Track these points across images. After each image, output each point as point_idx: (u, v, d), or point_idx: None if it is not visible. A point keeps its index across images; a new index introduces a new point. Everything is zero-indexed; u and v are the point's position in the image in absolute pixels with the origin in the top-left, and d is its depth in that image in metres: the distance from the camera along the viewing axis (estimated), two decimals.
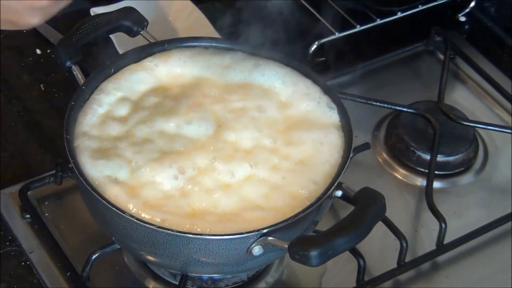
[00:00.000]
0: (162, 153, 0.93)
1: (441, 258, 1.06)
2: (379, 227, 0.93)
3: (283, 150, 0.95)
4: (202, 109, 0.98)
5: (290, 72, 1.03)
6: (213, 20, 1.26)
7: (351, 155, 0.94)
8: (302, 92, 1.01)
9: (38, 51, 1.27)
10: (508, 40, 1.35)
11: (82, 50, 1.00)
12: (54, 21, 0.94)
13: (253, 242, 0.85)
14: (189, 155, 0.93)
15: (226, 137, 0.96)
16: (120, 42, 1.20)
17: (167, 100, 0.99)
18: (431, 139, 1.16)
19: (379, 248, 1.05)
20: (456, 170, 1.17)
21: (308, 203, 0.89)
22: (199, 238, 0.85)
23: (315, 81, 1.02)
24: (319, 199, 0.89)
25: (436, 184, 1.12)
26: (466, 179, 1.17)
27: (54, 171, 1.06)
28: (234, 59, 1.04)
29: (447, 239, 1.06)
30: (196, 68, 1.03)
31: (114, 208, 0.85)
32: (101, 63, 1.02)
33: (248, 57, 1.04)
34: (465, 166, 1.17)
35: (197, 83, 1.02)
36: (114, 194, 0.89)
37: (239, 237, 0.85)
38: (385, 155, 1.18)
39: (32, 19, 0.78)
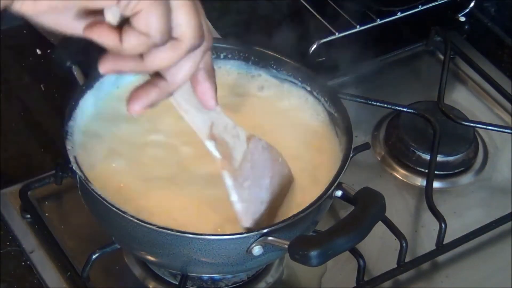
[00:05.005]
0: None
1: (441, 258, 1.06)
2: (379, 227, 0.93)
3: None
4: None
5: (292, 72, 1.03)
6: (213, 20, 1.25)
7: (351, 155, 0.94)
8: (303, 92, 1.01)
9: (38, 51, 1.26)
10: (508, 40, 1.35)
11: (82, 50, 1.00)
12: None
13: (253, 242, 0.85)
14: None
15: None
16: None
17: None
18: (431, 139, 1.15)
19: (379, 248, 1.05)
20: (456, 170, 1.17)
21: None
22: (199, 238, 0.85)
23: (316, 81, 1.02)
24: (319, 199, 0.89)
25: (436, 184, 1.12)
26: (466, 179, 1.17)
27: (54, 171, 1.06)
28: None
29: (447, 239, 1.06)
30: None
31: (114, 208, 0.85)
32: None
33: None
34: (465, 166, 1.17)
35: None
36: None
37: (239, 237, 0.85)
38: (385, 155, 1.18)
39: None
